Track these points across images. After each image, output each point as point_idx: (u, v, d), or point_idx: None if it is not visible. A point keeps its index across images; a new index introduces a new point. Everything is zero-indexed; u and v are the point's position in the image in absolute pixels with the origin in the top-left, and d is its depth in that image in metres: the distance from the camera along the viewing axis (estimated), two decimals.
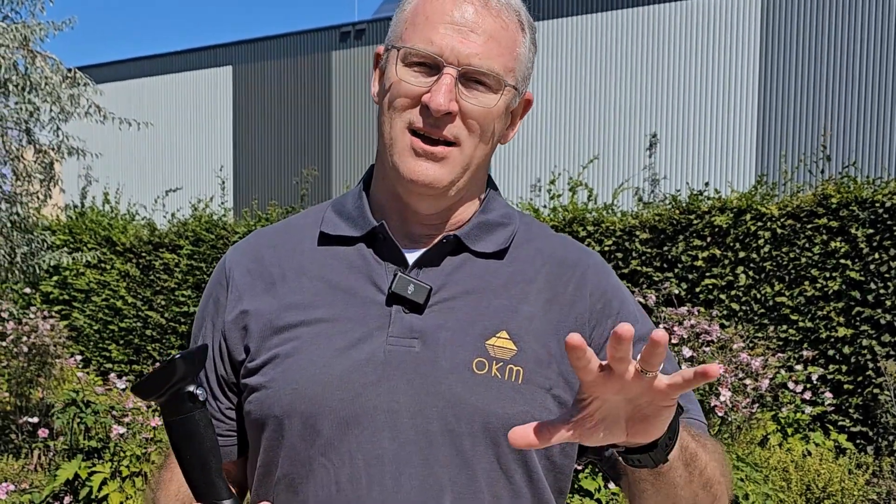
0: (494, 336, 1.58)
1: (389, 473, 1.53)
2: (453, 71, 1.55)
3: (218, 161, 23.37)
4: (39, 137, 7.70)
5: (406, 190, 1.62)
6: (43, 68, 7.30)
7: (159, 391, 1.39)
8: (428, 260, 1.64)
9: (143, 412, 6.60)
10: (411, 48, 1.57)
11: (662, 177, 16.71)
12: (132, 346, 12.80)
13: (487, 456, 1.54)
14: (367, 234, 1.67)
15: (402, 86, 1.58)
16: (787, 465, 7.01)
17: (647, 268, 9.49)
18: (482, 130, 1.60)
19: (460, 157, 1.59)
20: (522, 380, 1.55)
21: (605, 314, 1.66)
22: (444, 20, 1.56)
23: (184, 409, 1.40)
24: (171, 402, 1.40)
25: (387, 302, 1.61)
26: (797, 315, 8.84)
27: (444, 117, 1.56)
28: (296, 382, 1.57)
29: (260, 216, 12.17)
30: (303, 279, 1.67)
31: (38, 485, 6.58)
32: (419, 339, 1.57)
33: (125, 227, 13.34)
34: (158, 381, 1.39)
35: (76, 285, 13.09)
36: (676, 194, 9.97)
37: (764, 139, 16.74)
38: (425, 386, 1.54)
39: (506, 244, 1.68)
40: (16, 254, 7.56)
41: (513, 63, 1.61)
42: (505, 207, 1.75)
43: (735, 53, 17.12)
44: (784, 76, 16.60)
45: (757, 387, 6.94)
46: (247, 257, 1.74)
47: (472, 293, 1.62)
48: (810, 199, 8.82)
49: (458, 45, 1.55)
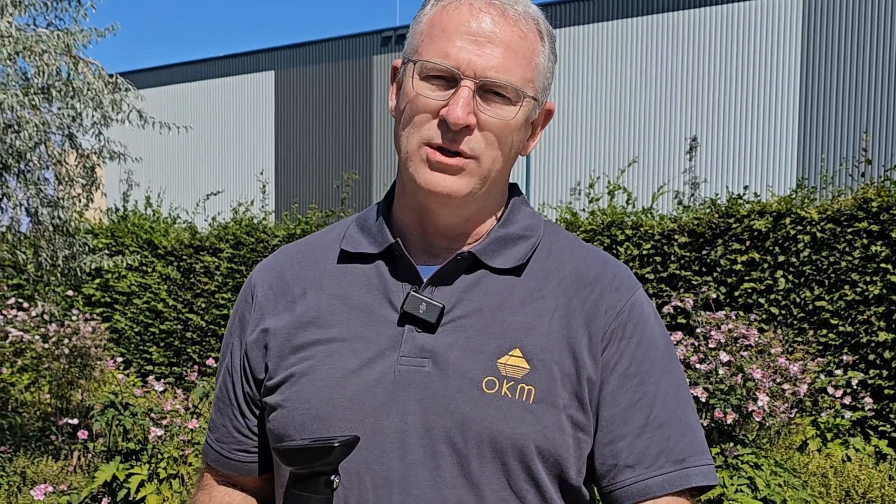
0: (507, 354, 1.55)
1: (397, 495, 1.52)
2: (471, 84, 1.52)
3: (259, 165, 23.52)
4: (81, 142, 7.78)
5: (426, 201, 1.60)
6: (85, 74, 7.37)
7: (307, 464, 1.42)
8: (442, 277, 1.62)
9: (181, 414, 6.65)
10: (428, 61, 1.54)
11: (703, 180, 16.63)
12: (172, 349, 12.90)
13: (496, 476, 1.52)
14: (384, 251, 1.66)
15: (419, 100, 1.55)
16: (826, 471, 6.96)
17: (686, 271, 9.45)
18: (500, 143, 1.57)
19: (478, 170, 1.57)
20: (534, 399, 1.52)
21: (617, 336, 1.61)
22: (461, 31, 1.53)
23: (314, 489, 1.42)
24: (308, 477, 1.42)
25: (399, 321, 1.59)
26: (837, 319, 8.77)
27: (462, 131, 1.53)
28: (308, 402, 1.57)
29: (300, 220, 12.22)
30: (321, 297, 1.66)
31: (76, 486, 6.64)
32: (430, 358, 1.56)
33: (167, 230, 13.44)
34: (311, 455, 1.41)
35: (118, 288, 13.21)
36: (716, 198, 9.92)
37: (805, 142, 16.63)
38: (434, 406, 1.53)
39: (524, 259, 1.64)
40: (57, 257, 7.63)
41: (531, 74, 1.58)
42: (529, 218, 1.71)
43: (776, 57, 17.02)
44: (825, 79, 16.49)
45: (795, 391, 6.88)
46: (271, 274, 1.75)
47: (485, 311, 1.59)
48: (850, 203, 8.75)
49: (475, 58, 1.52)
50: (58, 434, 7.71)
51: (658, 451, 1.57)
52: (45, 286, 8.77)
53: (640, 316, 1.64)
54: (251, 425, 1.73)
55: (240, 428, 1.73)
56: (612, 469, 1.57)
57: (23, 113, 6.76)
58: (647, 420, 1.57)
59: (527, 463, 1.52)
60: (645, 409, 1.58)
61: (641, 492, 1.56)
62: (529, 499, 1.54)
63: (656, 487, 1.55)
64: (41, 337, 9.95)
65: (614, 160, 18.14)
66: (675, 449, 1.58)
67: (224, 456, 1.76)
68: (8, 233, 7.33)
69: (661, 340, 1.66)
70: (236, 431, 1.74)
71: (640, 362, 1.60)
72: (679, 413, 1.61)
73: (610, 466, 1.57)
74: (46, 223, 7.48)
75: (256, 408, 1.72)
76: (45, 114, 7.33)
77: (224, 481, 1.79)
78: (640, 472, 1.56)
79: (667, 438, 1.58)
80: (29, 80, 7.16)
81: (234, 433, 1.75)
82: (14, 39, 6.68)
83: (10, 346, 9.92)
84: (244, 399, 1.72)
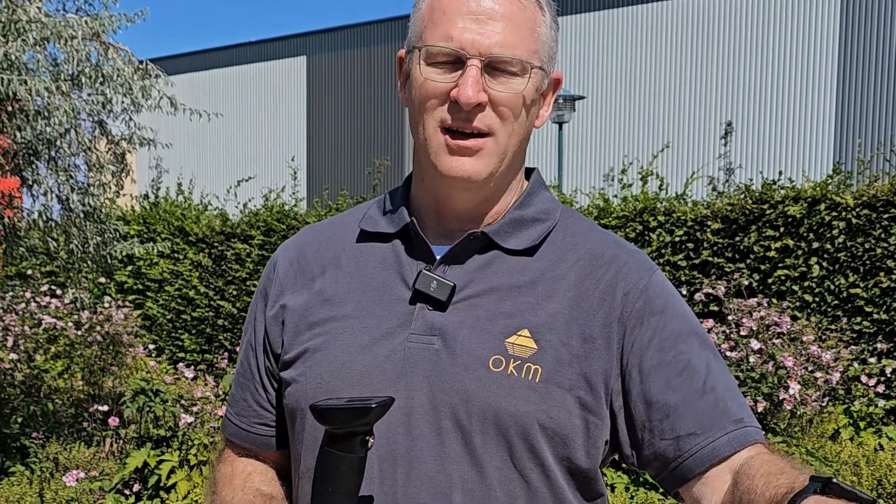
0: (515, 334, 1.56)
1: (401, 469, 1.54)
2: (477, 62, 1.53)
3: (291, 150, 23.56)
4: (111, 128, 7.80)
5: (446, 186, 1.62)
6: (115, 60, 7.38)
7: (343, 425, 1.44)
8: (454, 257, 1.63)
9: (211, 401, 6.67)
10: (433, 46, 1.56)
11: (738, 166, 16.50)
12: (204, 336, 12.95)
13: (499, 454, 1.54)
14: (401, 230, 1.68)
15: (428, 85, 1.57)
16: (859, 460, 6.89)
17: (719, 258, 9.38)
18: (514, 117, 1.58)
19: (495, 147, 1.58)
20: (540, 378, 1.53)
21: (647, 313, 1.59)
22: (461, 12, 1.54)
23: (349, 449, 1.44)
24: (344, 437, 1.45)
25: (411, 299, 1.61)
26: (872, 307, 8.69)
27: (474, 109, 1.54)
28: (320, 377, 1.61)
29: (331, 206, 12.23)
30: (339, 275, 1.70)
31: (108, 472, 6.68)
32: (439, 336, 1.57)
33: (198, 217, 13.49)
34: (347, 416, 1.43)
35: (150, 275, 13.27)
36: (749, 184, 9.84)
37: (841, 127, 16.48)
38: (440, 383, 1.55)
39: (537, 241, 1.65)
40: (89, 244, 7.67)
41: (535, 44, 1.58)
42: (547, 203, 1.71)
43: (813, 40, 16.87)
44: (863, 63, 16.32)
45: (828, 380, 6.82)
46: (292, 252, 1.79)
47: (496, 291, 1.60)
48: (887, 188, 8.65)
49: (478, 37, 1.53)
50: (90, 420, 7.75)
51: (718, 413, 1.55)
52: (76, 273, 8.82)
53: (664, 290, 1.64)
54: (271, 399, 1.77)
55: (260, 401, 1.77)
56: (674, 442, 1.55)
57: (52, 99, 6.78)
58: (700, 385, 1.56)
59: (530, 441, 1.53)
60: (693, 375, 1.57)
61: (711, 454, 1.53)
62: (533, 478, 1.55)
63: (724, 447, 1.53)
64: (74, 324, 10.01)
65: (647, 146, 18.03)
66: (730, 410, 1.56)
67: (243, 430, 1.80)
68: (40, 219, 7.36)
69: (690, 312, 1.67)
70: (256, 405, 1.78)
71: (677, 335, 1.60)
72: (724, 376, 1.61)
73: (672, 441, 1.55)
74: (77, 210, 7.51)
75: (276, 382, 1.76)
76: (74, 100, 7.35)
77: (244, 454, 1.82)
78: (706, 436, 1.53)
79: (722, 400, 1.56)
80: (58, 65, 7.18)
81: (255, 406, 1.78)
82: (43, 25, 6.70)
83: (43, 332, 9.98)
84: (265, 373, 1.76)
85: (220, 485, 1.77)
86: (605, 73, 19.22)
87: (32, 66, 7.01)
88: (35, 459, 6.97)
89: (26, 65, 6.90)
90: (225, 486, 1.75)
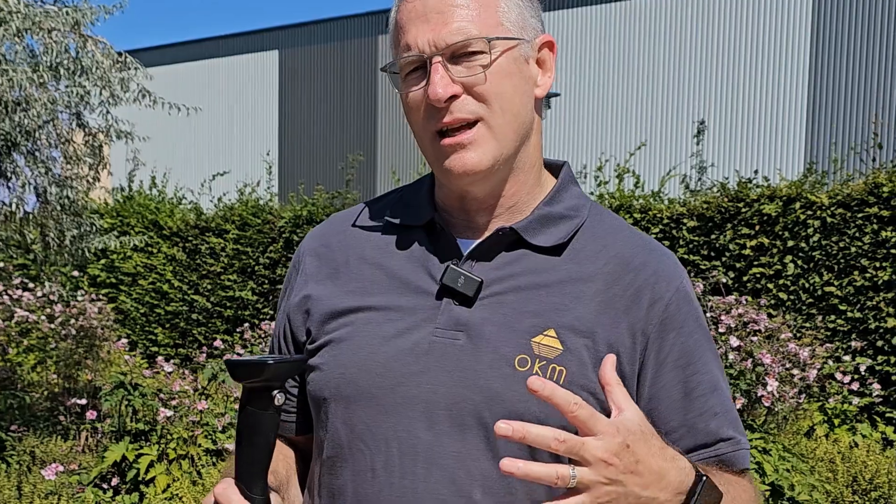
0: (541, 334, 1.56)
1: (422, 463, 1.54)
2: (439, 58, 1.55)
3: (264, 145, 23.49)
4: (89, 121, 7.76)
5: (456, 184, 1.63)
6: (94, 52, 7.34)
7: (246, 379, 1.46)
8: (482, 253, 1.64)
9: (189, 395, 6.65)
10: (399, 59, 1.60)
11: (710, 164, 16.58)
12: (178, 330, 12.90)
13: (520, 454, 1.50)
14: (427, 223, 1.69)
15: (409, 97, 1.61)
16: (834, 457, 6.95)
17: (695, 256, 9.44)
18: (495, 94, 1.57)
19: (488, 133, 1.58)
20: (564, 380, 1.54)
21: (668, 326, 1.62)
22: (412, 18, 1.58)
23: (259, 405, 1.46)
24: (253, 392, 1.47)
25: (437, 294, 1.62)
26: (846, 305, 8.76)
27: (453, 102, 1.56)
28: (343, 367, 1.61)
29: (306, 201, 12.20)
30: (363, 266, 1.70)
31: (86, 466, 6.65)
32: (464, 331, 1.58)
33: (172, 210, 13.43)
34: (248, 371, 1.46)
35: (123, 269, 13.20)
36: (725, 182, 9.89)
37: (814, 126, 16.58)
38: (464, 379, 1.55)
39: (565, 238, 1.65)
40: (65, 237, 7.62)
41: (495, 17, 1.58)
42: (576, 199, 1.71)
43: (786, 39, 16.96)
44: (836, 62, 16.43)
45: (804, 377, 6.88)
46: (317, 242, 1.80)
47: (524, 289, 1.61)
48: (861, 188, 8.72)
49: (429, 34, 1.56)
50: (66, 414, 7.71)
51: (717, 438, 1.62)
52: (50, 266, 8.76)
53: (687, 301, 1.66)
54: (290, 386, 1.77)
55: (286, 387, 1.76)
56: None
57: (31, 91, 6.73)
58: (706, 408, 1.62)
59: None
60: (700, 398, 1.62)
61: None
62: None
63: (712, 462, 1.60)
64: (47, 317, 9.95)
65: (621, 144, 18.07)
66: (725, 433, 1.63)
67: None
68: (16, 212, 7.31)
69: (704, 321, 1.69)
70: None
71: (692, 352, 1.63)
72: (726, 393, 1.66)
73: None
74: (54, 202, 7.46)
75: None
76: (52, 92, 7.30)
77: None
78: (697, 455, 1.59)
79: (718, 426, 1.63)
80: (37, 57, 7.13)
81: None
82: (22, 16, 6.65)
83: (15, 326, 9.92)
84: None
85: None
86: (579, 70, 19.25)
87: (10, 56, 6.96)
88: (13, 453, 6.92)
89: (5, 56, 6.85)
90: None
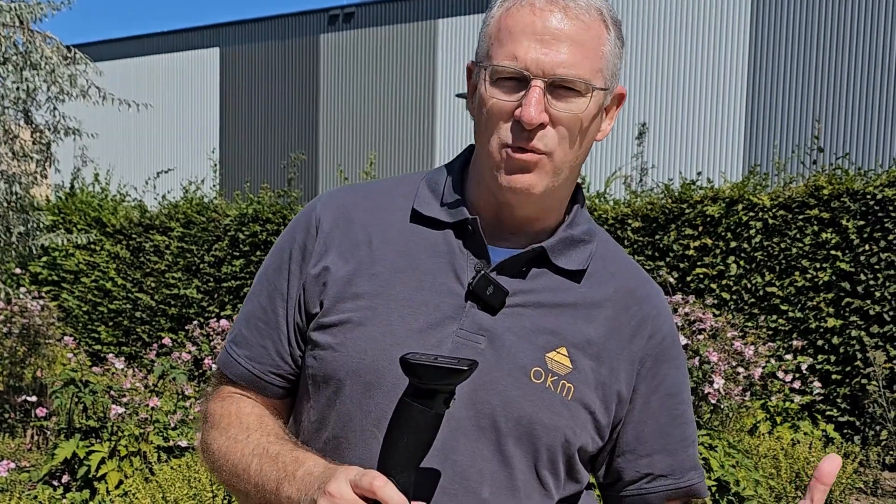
0: (555, 350, 1.65)
1: (436, 457, 1.57)
2: (541, 83, 1.56)
3: (208, 143, 23.34)
4: (36, 117, 7.70)
5: (506, 197, 1.65)
6: (42, 48, 7.29)
7: (432, 381, 1.44)
8: (511, 266, 1.68)
9: (140, 392, 6.62)
10: (498, 65, 1.59)
11: (651, 166, 16.76)
12: (121, 328, 12.79)
13: (526, 459, 1.64)
14: (457, 222, 1.71)
15: (493, 103, 1.61)
16: (777, 453, 7.08)
17: (639, 256, 9.55)
18: (573, 136, 1.62)
19: (550, 165, 1.61)
20: (572, 397, 1.64)
21: (661, 359, 1.76)
22: (527, 32, 1.58)
23: (431, 406, 1.44)
24: (429, 392, 1.45)
25: (465, 296, 1.66)
26: (787, 305, 8.92)
27: (536, 128, 1.58)
28: (365, 352, 1.63)
29: (252, 199, 12.15)
30: (387, 251, 1.71)
31: (35, 463, 6.60)
32: (486, 337, 1.64)
33: (115, 208, 13.31)
34: (441, 374, 1.43)
35: (65, 266, 13.07)
36: (669, 183, 10.03)
37: (754, 129, 16.80)
38: (484, 383, 1.60)
39: (584, 265, 1.72)
40: (11, 234, 7.56)
41: (599, 63, 1.61)
42: (588, 223, 1.78)
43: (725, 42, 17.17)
44: (774, 66, 16.65)
45: (749, 375, 7.00)
46: (337, 211, 1.77)
47: (543, 305, 1.68)
48: (802, 190, 8.89)
49: (542, 57, 1.56)
50: (12, 412, 7.65)
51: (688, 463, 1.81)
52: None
53: (676, 339, 1.81)
54: (294, 354, 1.76)
55: (282, 353, 1.76)
56: (645, 477, 1.77)
57: None
58: (685, 437, 1.80)
59: (553, 452, 1.65)
60: (682, 426, 1.80)
61: (671, 496, 1.80)
62: (549, 484, 1.68)
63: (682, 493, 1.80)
64: None
65: None
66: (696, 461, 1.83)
67: (256, 376, 1.77)
68: None
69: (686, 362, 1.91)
70: (277, 356, 1.76)
71: (680, 384, 1.80)
72: (693, 424, 1.84)
73: (644, 475, 1.77)
74: (1, 199, 7.40)
75: (303, 339, 1.75)
76: None
77: (241, 395, 1.81)
78: (673, 480, 1.78)
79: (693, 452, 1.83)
80: None
81: (275, 356, 1.76)
82: None
83: None
84: (294, 328, 1.75)
85: (225, 421, 1.75)
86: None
87: None
88: None
89: None
90: (233, 425, 1.74)
